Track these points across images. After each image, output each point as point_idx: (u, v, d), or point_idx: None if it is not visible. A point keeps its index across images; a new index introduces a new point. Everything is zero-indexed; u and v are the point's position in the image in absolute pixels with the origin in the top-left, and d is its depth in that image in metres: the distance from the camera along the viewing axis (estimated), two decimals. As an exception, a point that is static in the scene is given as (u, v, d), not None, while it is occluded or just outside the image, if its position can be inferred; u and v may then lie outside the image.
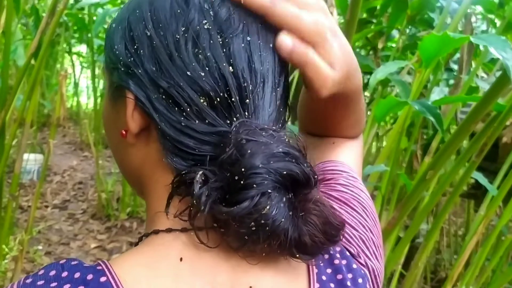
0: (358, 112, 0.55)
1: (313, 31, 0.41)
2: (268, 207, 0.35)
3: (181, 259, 0.38)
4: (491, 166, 1.83)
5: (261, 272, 0.39)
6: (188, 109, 0.39)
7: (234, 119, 0.39)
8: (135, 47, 0.40)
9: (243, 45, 0.40)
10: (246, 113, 0.39)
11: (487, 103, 0.86)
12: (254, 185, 0.35)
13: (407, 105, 1.05)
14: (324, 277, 0.41)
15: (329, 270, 0.42)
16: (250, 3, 0.40)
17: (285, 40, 0.40)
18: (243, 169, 0.35)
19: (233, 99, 0.39)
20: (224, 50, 0.39)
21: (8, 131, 1.89)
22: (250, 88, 0.39)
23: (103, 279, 0.37)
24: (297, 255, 0.38)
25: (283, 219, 0.35)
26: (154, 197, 0.43)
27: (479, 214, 1.56)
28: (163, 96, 0.39)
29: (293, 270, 0.41)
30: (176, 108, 0.39)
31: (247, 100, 0.39)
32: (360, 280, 0.43)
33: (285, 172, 0.36)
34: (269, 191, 0.35)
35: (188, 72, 0.38)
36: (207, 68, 0.38)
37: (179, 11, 0.40)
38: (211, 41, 0.39)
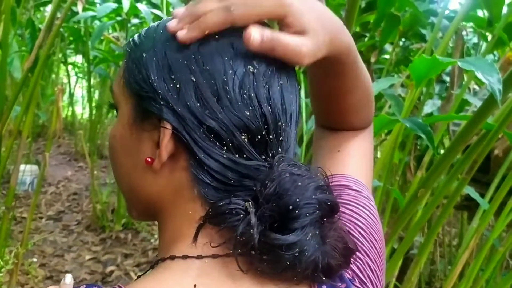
0: (360, 88, 0.54)
1: (274, 7, 0.41)
2: (311, 235, 0.39)
3: (195, 286, 0.40)
4: (483, 178, 1.85)
5: None
6: (230, 144, 0.41)
7: (270, 154, 0.42)
8: (178, 85, 0.42)
9: (278, 87, 0.43)
10: (280, 149, 0.43)
11: (476, 124, 0.88)
12: (308, 214, 0.39)
13: (399, 122, 1.07)
14: None
15: None
16: (212, 28, 0.41)
17: (254, 36, 0.40)
18: (297, 199, 0.39)
19: (271, 137, 0.42)
20: (265, 91, 0.42)
21: (4, 143, 1.89)
22: (283, 126, 0.43)
23: None
24: (322, 278, 0.41)
25: (317, 245, 0.39)
26: (172, 224, 0.44)
27: (472, 226, 1.58)
28: (205, 131, 0.41)
29: None
30: (218, 142, 0.41)
31: (281, 138, 0.43)
32: None
33: (329, 203, 0.41)
34: (316, 220, 0.40)
35: (234, 111, 0.41)
36: (251, 108, 0.41)
37: (226, 54, 0.42)
38: (255, 83, 0.42)
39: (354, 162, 0.57)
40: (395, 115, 1.21)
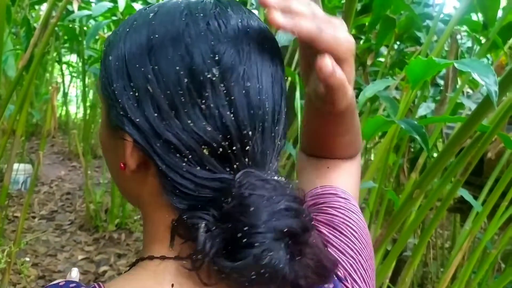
0: (352, 132, 0.56)
1: (347, 50, 0.42)
2: (268, 258, 0.36)
3: (172, 285, 0.40)
4: (476, 181, 1.87)
5: None
6: (190, 156, 0.39)
7: (235, 166, 0.40)
8: (137, 94, 0.40)
9: (243, 91, 0.40)
10: (247, 159, 0.40)
11: (471, 126, 0.88)
12: (256, 244, 0.36)
13: (395, 124, 1.07)
14: None
15: None
16: (300, 32, 0.40)
17: (328, 65, 0.41)
18: (245, 228, 0.37)
19: (234, 148, 0.39)
20: (227, 98, 0.39)
21: (-3, 142, 1.88)
22: (250, 134, 0.40)
23: None
24: None
25: (281, 265, 0.37)
26: (151, 226, 0.44)
27: (465, 229, 1.59)
28: (164, 143, 0.39)
29: None
30: (178, 154, 0.39)
31: (248, 147, 0.40)
32: None
33: (285, 230, 0.37)
34: (270, 247, 0.37)
35: (191, 124, 0.39)
36: (210, 119, 0.39)
37: (181, 63, 0.39)
38: (214, 91, 0.39)
39: (343, 179, 0.58)
40: (390, 117, 1.22)
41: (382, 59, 2.24)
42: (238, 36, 0.41)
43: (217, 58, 0.39)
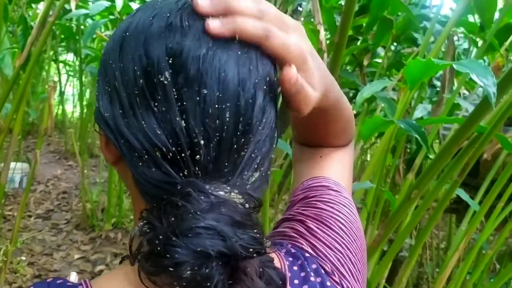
0: (343, 120, 0.56)
1: (298, 56, 0.41)
2: (190, 274, 0.35)
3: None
4: (472, 182, 1.88)
5: None
6: (146, 156, 0.39)
7: (185, 173, 0.39)
8: (109, 90, 0.41)
9: (198, 98, 0.38)
10: (197, 168, 0.38)
11: (470, 127, 0.89)
12: (167, 255, 0.35)
13: (393, 124, 1.08)
14: None
15: (305, 287, 0.44)
16: (246, 36, 0.39)
17: (293, 75, 0.40)
18: (160, 236, 0.36)
19: (183, 155, 0.38)
20: (179, 104, 0.38)
21: (-7, 141, 1.87)
22: (202, 143, 0.38)
23: None
24: None
25: (208, 284, 0.35)
26: (136, 222, 0.44)
27: (461, 229, 1.60)
28: (125, 141, 0.39)
29: None
30: (136, 153, 0.39)
31: (198, 156, 0.38)
32: None
33: (199, 249, 0.35)
34: (185, 261, 0.35)
35: (144, 124, 0.38)
36: (161, 123, 0.38)
37: (139, 63, 0.39)
38: (165, 96, 0.38)
39: (336, 168, 0.58)
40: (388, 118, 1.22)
41: (379, 60, 2.25)
42: (201, 38, 0.38)
43: (171, 61, 0.38)
